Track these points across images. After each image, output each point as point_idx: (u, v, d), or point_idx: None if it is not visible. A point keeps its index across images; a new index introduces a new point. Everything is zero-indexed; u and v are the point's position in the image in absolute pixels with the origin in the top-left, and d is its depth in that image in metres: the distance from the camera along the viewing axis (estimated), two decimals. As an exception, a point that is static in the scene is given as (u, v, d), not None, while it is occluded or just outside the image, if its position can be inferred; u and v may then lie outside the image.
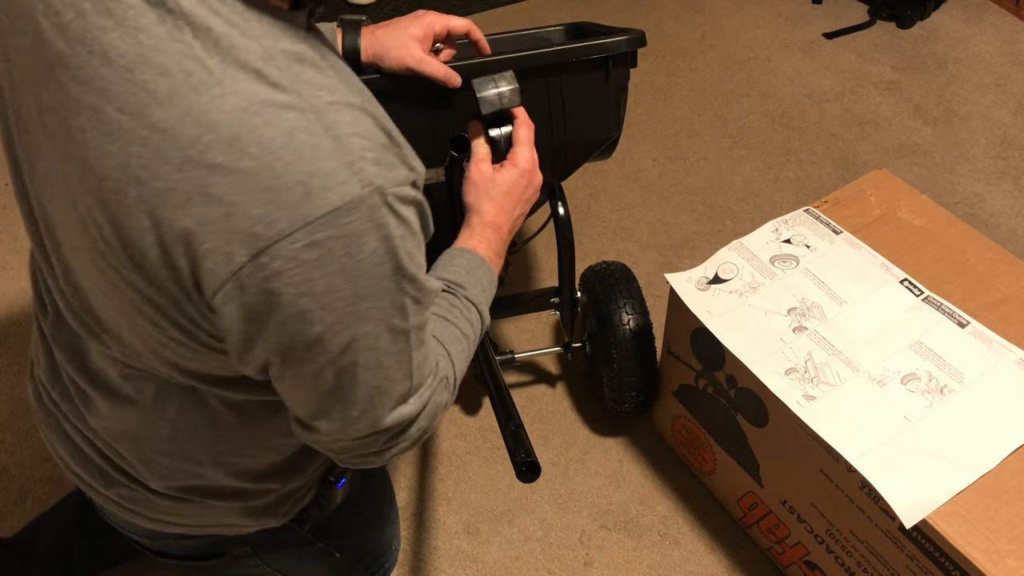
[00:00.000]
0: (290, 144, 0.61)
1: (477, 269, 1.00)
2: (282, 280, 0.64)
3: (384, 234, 0.66)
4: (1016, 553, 1.07)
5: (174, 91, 0.61)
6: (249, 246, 0.62)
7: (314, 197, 0.62)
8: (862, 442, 1.17)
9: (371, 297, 0.69)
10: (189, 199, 0.62)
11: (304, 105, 0.63)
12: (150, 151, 0.62)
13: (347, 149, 0.64)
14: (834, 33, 2.74)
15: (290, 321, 0.67)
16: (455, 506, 1.68)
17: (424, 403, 0.83)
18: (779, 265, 1.40)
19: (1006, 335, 1.27)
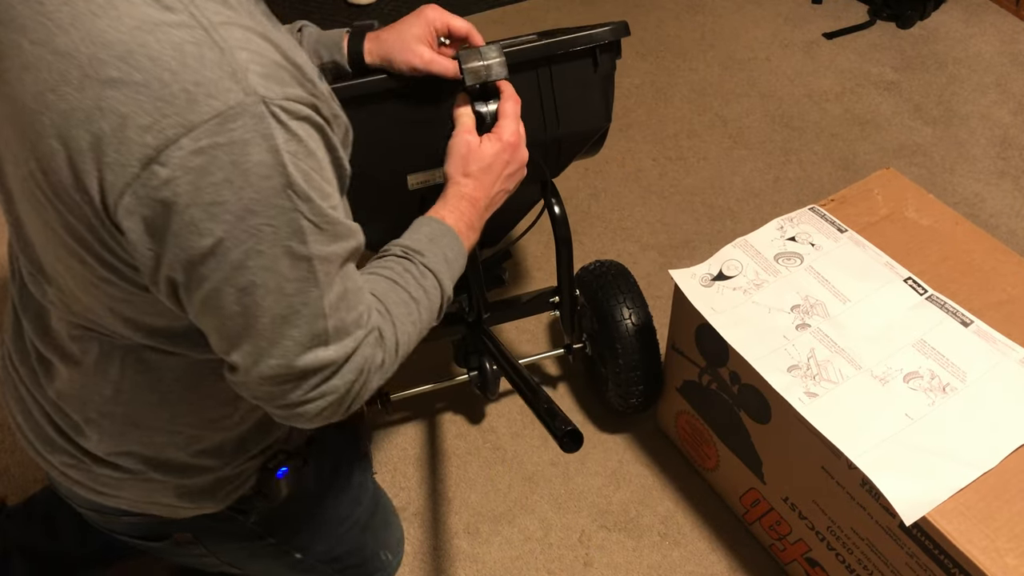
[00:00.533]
0: (177, 56, 0.65)
1: (441, 237, 1.00)
2: (171, 188, 0.67)
3: (271, 145, 0.68)
4: (1016, 551, 1.07)
5: (75, 17, 0.66)
6: (140, 156, 0.66)
7: (198, 104, 0.65)
8: (863, 439, 1.17)
9: (261, 212, 0.70)
10: (89, 116, 0.66)
11: (193, 23, 0.67)
12: (55, 75, 0.67)
13: (232, 59, 0.67)
14: (834, 33, 2.74)
15: (183, 232, 0.69)
16: (455, 506, 1.68)
17: (348, 352, 0.81)
18: (783, 262, 1.40)
19: (1010, 334, 1.27)
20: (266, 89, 0.68)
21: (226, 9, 0.70)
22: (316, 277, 0.75)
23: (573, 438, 1.10)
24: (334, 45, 1.17)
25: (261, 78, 0.68)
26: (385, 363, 0.87)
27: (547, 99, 1.30)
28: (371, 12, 2.90)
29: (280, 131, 0.69)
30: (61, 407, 0.95)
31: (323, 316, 0.77)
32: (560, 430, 1.12)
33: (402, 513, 1.66)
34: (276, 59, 0.70)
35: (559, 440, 1.11)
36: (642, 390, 1.62)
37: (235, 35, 0.68)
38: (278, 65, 0.70)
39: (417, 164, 1.30)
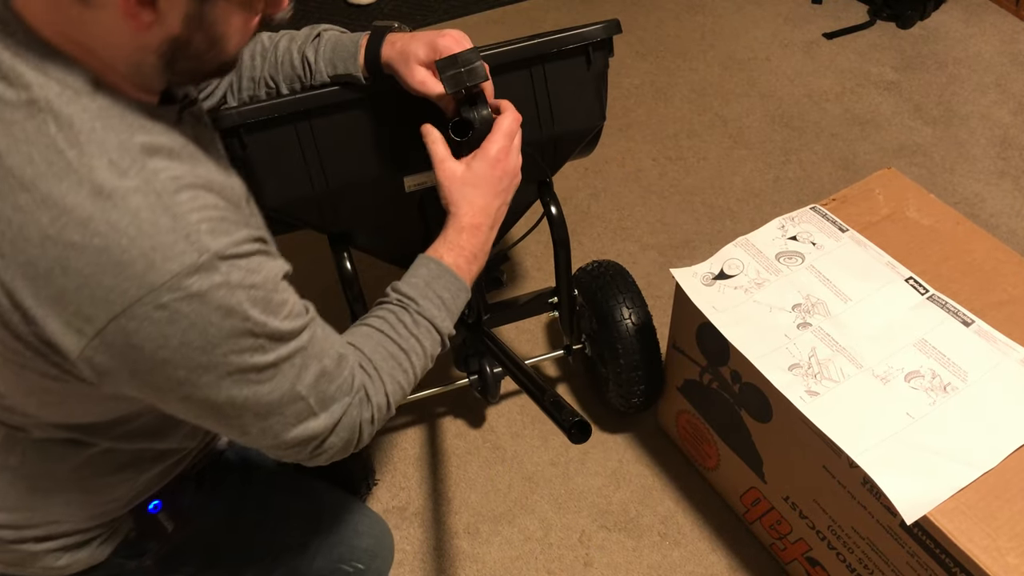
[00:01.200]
0: (134, 222, 0.72)
1: (438, 279, 1.03)
2: (140, 336, 0.73)
3: (227, 291, 0.75)
4: (1017, 550, 1.07)
5: (38, 177, 0.71)
6: (106, 311, 0.72)
7: (156, 267, 0.72)
8: (864, 438, 1.17)
9: (224, 345, 0.77)
10: (49, 272, 0.71)
11: (148, 188, 0.73)
12: (13, 229, 0.71)
13: (184, 223, 0.74)
14: (834, 33, 2.74)
15: (156, 369, 0.76)
16: (455, 506, 1.67)
17: (336, 418, 0.89)
18: (784, 262, 1.40)
19: (1011, 334, 1.27)
20: (217, 243, 0.75)
21: (174, 163, 0.76)
22: (285, 374, 0.83)
23: (581, 429, 1.10)
24: (350, 58, 1.17)
25: (211, 235, 0.75)
26: (376, 417, 0.95)
27: (541, 98, 1.31)
28: (371, 12, 2.90)
29: (235, 273, 0.76)
30: None
31: (301, 399, 0.85)
32: (568, 421, 1.12)
33: (402, 513, 1.66)
34: (220, 208, 0.77)
35: (567, 431, 1.11)
36: (643, 389, 1.62)
37: (184, 198, 0.75)
38: (222, 215, 0.77)
39: (412, 166, 1.30)
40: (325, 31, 1.20)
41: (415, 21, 2.84)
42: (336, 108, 1.21)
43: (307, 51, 1.18)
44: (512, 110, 1.12)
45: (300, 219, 1.31)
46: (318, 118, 1.21)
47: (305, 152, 1.23)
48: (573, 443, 1.12)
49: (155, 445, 0.99)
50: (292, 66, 1.19)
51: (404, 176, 1.30)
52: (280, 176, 1.23)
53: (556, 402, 1.17)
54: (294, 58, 1.19)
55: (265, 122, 1.18)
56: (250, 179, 1.22)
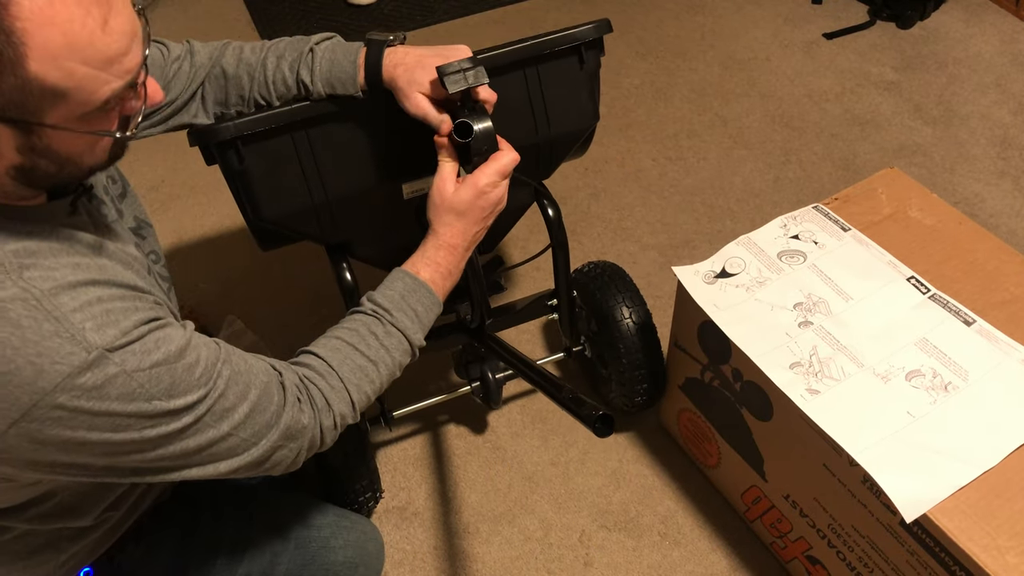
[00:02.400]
0: (17, 332, 0.72)
1: (413, 293, 1.07)
2: (45, 435, 0.74)
3: (123, 380, 0.76)
4: (1016, 549, 1.07)
5: None
6: (4, 419, 0.73)
7: (45, 372, 0.72)
8: (865, 437, 1.17)
9: (133, 426, 0.78)
10: None
11: (27, 295, 0.73)
12: None
13: (68, 325, 0.74)
14: (834, 33, 2.74)
15: (72, 454, 0.77)
16: (455, 506, 1.67)
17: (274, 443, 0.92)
18: (786, 260, 1.40)
19: (1012, 334, 1.27)
20: (103, 338, 0.75)
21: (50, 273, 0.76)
22: (206, 425, 0.85)
23: (605, 422, 1.10)
24: (348, 79, 1.15)
25: (96, 331, 0.75)
26: (338, 423, 1.00)
27: (536, 100, 1.30)
28: (371, 12, 2.90)
29: (131, 360, 0.77)
30: None
31: (232, 436, 0.88)
32: (591, 416, 1.11)
33: (402, 513, 1.66)
34: (104, 299, 0.78)
35: (592, 426, 1.11)
36: (646, 388, 1.62)
37: (64, 300, 0.75)
38: (107, 308, 0.77)
39: (410, 173, 1.29)
40: (317, 45, 1.18)
41: (415, 21, 2.83)
42: (333, 118, 1.20)
43: (301, 72, 1.17)
44: (512, 151, 1.13)
45: (298, 231, 1.30)
46: (315, 128, 1.20)
47: (303, 163, 1.22)
48: (598, 437, 1.12)
49: (74, 523, 0.99)
50: (287, 86, 1.18)
51: (402, 183, 1.30)
52: (278, 188, 1.22)
53: (576, 398, 1.17)
54: (287, 78, 1.17)
55: (262, 133, 1.17)
56: (247, 193, 1.22)
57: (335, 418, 0.99)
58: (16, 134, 0.71)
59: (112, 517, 1.04)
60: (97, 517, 1.01)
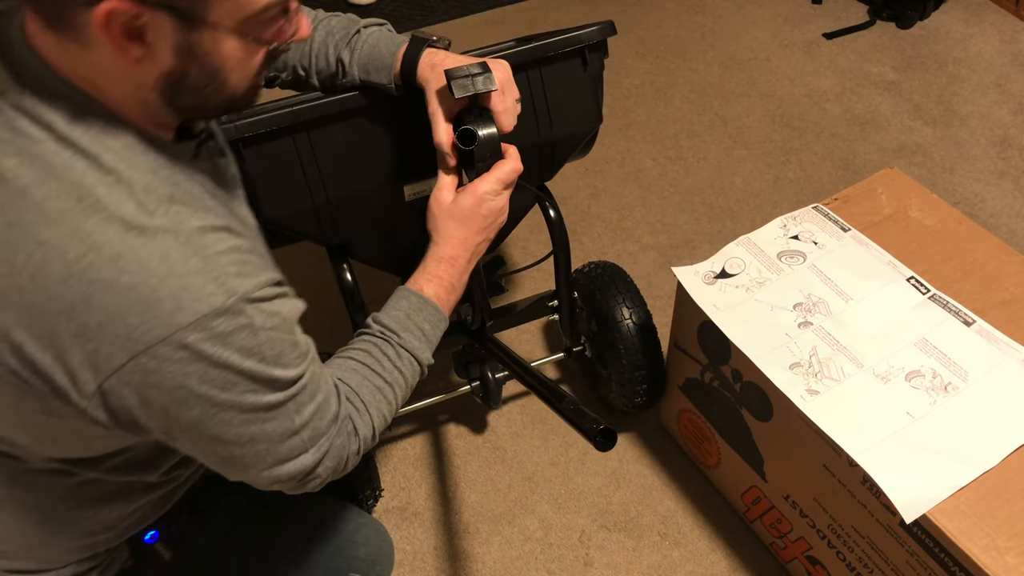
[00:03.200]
0: (164, 263, 0.72)
1: (419, 312, 1.05)
2: (158, 376, 0.73)
3: (249, 333, 0.76)
4: (1016, 550, 1.07)
5: (64, 213, 0.70)
6: (127, 349, 0.72)
7: (184, 308, 0.72)
8: (864, 437, 1.17)
9: (240, 385, 0.78)
10: (72, 308, 0.70)
11: (177, 229, 0.73)
12: (34, 263, 0.70)
13: (214, 265, 0.74)
14: (834, 33, 2.74)
15: (170, 408, 0.76)
16: (455, 506, 1.67)
17: (324, 452, 0.90)
18: (786, 261, 1.40)
19: (1012, 335, 1.27)
20: (244, 286, 0.76)
21: (194, 207, 0.76)
22: (287, 411, 0.84)
23: (607, 436, 1.09)
24: (385, 68, 1.15)
25: (239, 277, 0.75)
26: (361, 449, 0.97)
27: (539, 102, 1.30)
28: (371, 12, 2.90)
29: (259, 316, 0.77)
30: None
31: (297, 434, 0.86)
32: (592, 429, 1.10)
33: (402, 513, 1.66)
34: (242, 249, 0.78)
35: (592, 440, 1.10)
36: (646, 389, 1.62)
37: (210, 240, 0.75)
38: (245, 257, 0.78)
39: (412, 174, 1.29)
40: (364, 28, 1.19)
41: (415, 21, 2.83)
42: (335, 118, 1.20)
43: (343, 52, 1.17)
44: (516, 159, 1.12)
45: (299, 232, 1.30)
46: (316, 129, 1.20)
47: (304, 164, 1.22)
48: (599, 451, 1.11)
49: (144, 477, 0.99)
50: (327, 62, 1.18)
51: (404, 185, 1.30)
52: (279, 189, 1.22)
53: (577, 409, 1.16)
54: (329, 55, 1.18)
55: (263, 135, 1.17)
56: (249, 193, 1.22)
57: (360, 443, 0.97)
58: (177, 28, 0.71)
59: (181, 475, 1.05)
60: (164, 474, 1.01)
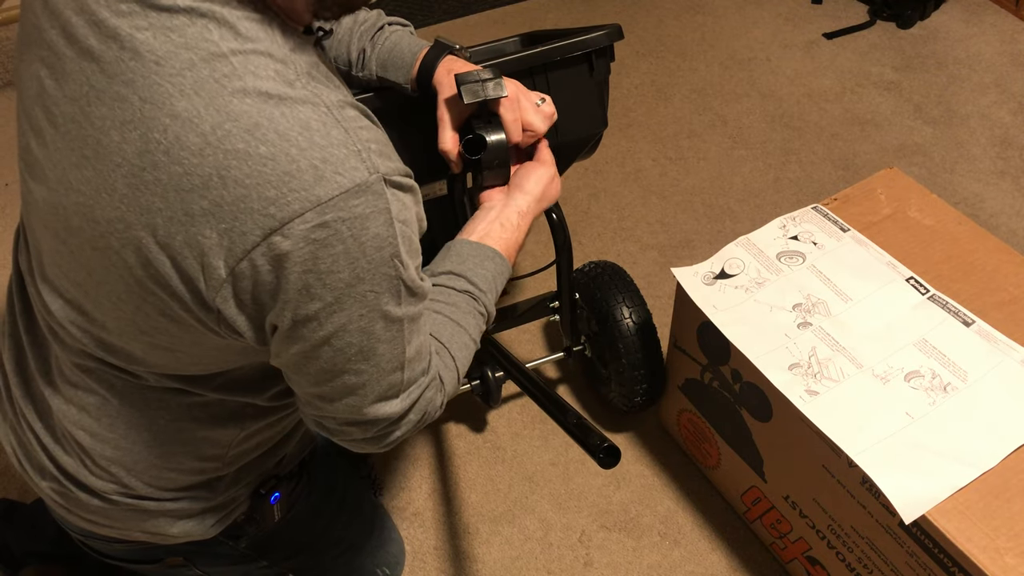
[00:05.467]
0: (305, 133, 0.67)
1: (500, 276, 1.03)
2: (291, 258, 0.68)
3: (387, 219, 0.71)
4: (1015, 551, 1.07)
5: (199, 83, 0.66)
6: (263, 226, 0.67)
7: (326, 180, 0.67)
8: (864, 438, 1.17)
9: (368, 280, 0.72)
10: (207, 182, 0.66)
11: (317, 101, 0.69)
12: (170, 137, 0.66)
13: (356, 139, 0.69)
14: (834, 33, 2.74)
15: (293, 297, 0.71)
16: (455, 506, 1.67)
17: (413, 401, 0.86)
18: (785, 261, 1.40)
19: (1012, 335, 1.27)
20: (384, 166, 0.71)
21: (334, 89, 0.73)
22: (403, 336, 0.79)
23: (611, 453, 1.09)
24: (404, 67, 1.16)
25: (379, 156, 0.71)
26: (442, 404, 0.93)
27: None
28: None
29: (395, 204, 0.72)
30: (54, 435, 0.95)
31: (401, 370, 0.82)
32: (597, 447, 1.10)
33: (402, 513, 1.66)
34: (378, 131, 0.74)
35: (596, 457, 1.09)
36: (646, 388, 1.62)
37: (351, 115, 0.71)
38: (383, 139, 0.74)
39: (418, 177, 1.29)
40: (389, 25, 1.19)
41: (415, 21, 2.83)
42: None
43: (365, 43, 1.17)
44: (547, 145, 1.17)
45: None
46: None
47: None
48: (602, 468, 1.10)
49: (253, 400, 0.95)
50: (348, 50, 1.18)
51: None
52: None
53: (581, 424, 1.15)
54: (352, 44, 1.18)
55: None
56: None
57: (443, 396, 0.93)
58: None
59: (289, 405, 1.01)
60: (272, 399, 0.97)
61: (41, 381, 0.92)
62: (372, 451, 0.91)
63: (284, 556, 1.15)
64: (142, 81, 0.66)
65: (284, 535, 1.14)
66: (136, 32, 0.66)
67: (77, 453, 0.93)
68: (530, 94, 1.15)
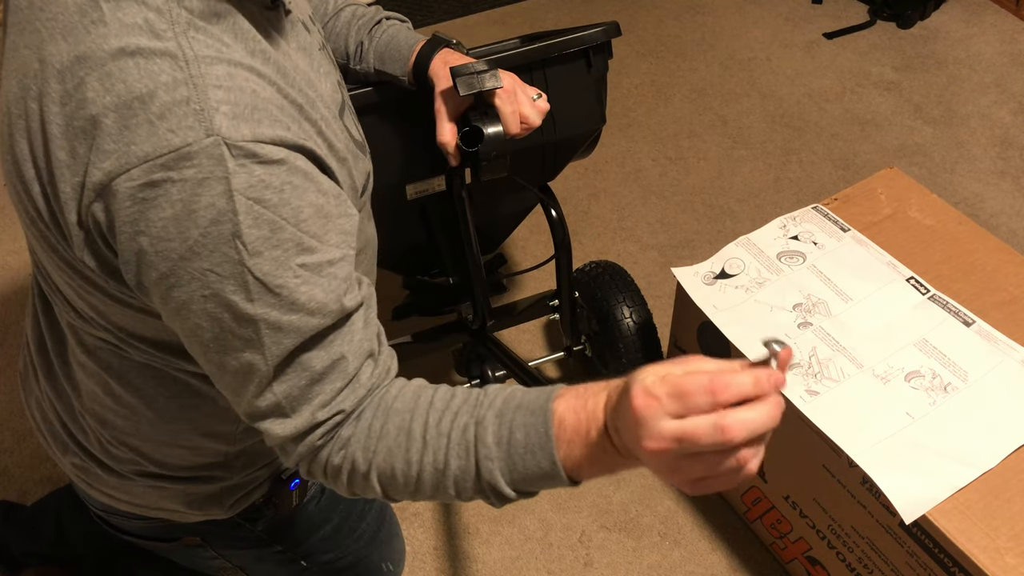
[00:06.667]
0: (149, 86, 0.64)
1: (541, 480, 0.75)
2: (120, 216, 0.66)
3: (224, 189, 0.64)
4: (1015, 551, 1.07)
5: (67, 29, 0.65)
6: (98, 179, 0.65)
7: (157, 137, 0.64)
8: (864, 438, 1.17)
9: (205, 257, 0.66)
10: (64, 132, 0.66)
11: (177, 53, 0.65)
12: (39, 83, 0.67)
13: (201, 96, 0.64)
14: (834, 33, 2.74)
15: (133, 259, 0.68)
16: (455, 506, 1.67)
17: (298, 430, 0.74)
18: (786, 261, 1.40)
19: (1012, 335, 1.27)
20: (232, 130, 0.64)
21: (218, 44, 0.68)
22: (262, 341, 0.70)
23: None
24: (400, 60, 1.16)
25: (230, 118, 0.65)
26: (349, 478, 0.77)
27: None
28: (371, 12, 2.90)
29: (241, 175, 0.64)
30: (72, 412, 0.96)
31: (268, 385, 0.72)
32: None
33: (402, 513, 1.66)
34: (263, 97, 0.68)
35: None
36: None
37: (216, 71, 0.66)
38: (260, 105, 0.67)
39: (415, 173, 1.29)
40: (387, 18, 1.20)
41: (415, 21, 2.82)
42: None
43: (363, 37, 1.18)
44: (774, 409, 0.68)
45: None
46: None
47: None
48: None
49: None
50: (345, 42, 1.19)
51: (406, 184, 1.30)
52: None
53: None
54: (350, 37, 1.18)
55: None
56: None
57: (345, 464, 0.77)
58: None
59: None
60: None
61: (56, 361, 0.94)
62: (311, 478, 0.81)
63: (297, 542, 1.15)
64: (28, 27, 0.68)
65: (300, 521, 1.14)
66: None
67: (94, 428, 0.94)
68: (527, 88, 1.15)
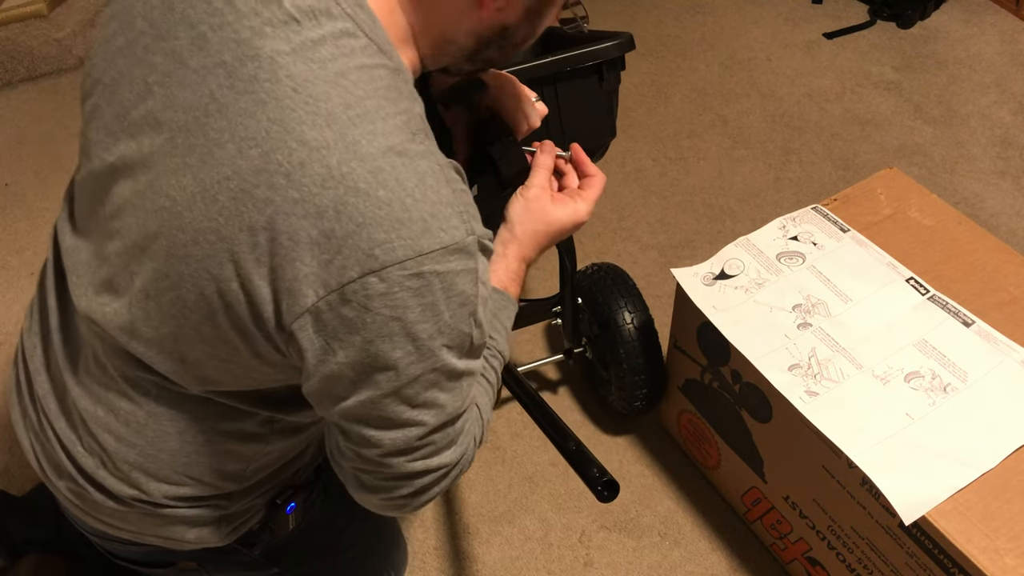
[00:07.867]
0: (420, 186, 0.70)
1: (503, 311, 1.01)
2: (382, 301, 0.70)
3: (474, 279, 0.74)
4: (1015, 551, 1.07)
5: (332, 117, 0.69)
6: (363, 265, 0.69)
7: (431, 234, 0.70)
8: (864, 438, 1.17)
9: (447, 335, 0.74)
10: (322, 212, 0.68)
11: (433, 157, 0.73)
12: (294, 162, 0.68)
13: (460, 200, 0.73)
14: (834, 33, 2.74)
15: (376, 341, 0.72)
16: (455, 506, 1.68)
17: (461, 453, 0.85)
18: (785, 262, 1.40)
19: (1011, 335, 1.27)
20: (480, 230, 0.74)
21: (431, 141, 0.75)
22: (462, 390, 0.80)
23: (610, 488, 1.08)
24: None
25: (474, 219, 0.74)
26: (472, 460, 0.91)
27: (553, 116, 1.27)
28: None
29: (482, 265, 0.75)
30: (77, 433, 0.94)
31: (455, 421, 0.82)
32: (595, 479, 1.09)
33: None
34: (469, 198, 0.76)
35: (594, 489, 1.09)
36: (646, 393, 1.62)
37: (455, 176, 0.75)
38: (472, 204, 0.76)
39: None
40: None
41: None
42: None
43: None
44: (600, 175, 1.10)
45: None
46: None
47: None
48: (601, 502, 1.09)
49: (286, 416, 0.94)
50: None
51: None
52: None
53: (581, 451, 1.15)
54: None
55: None
56: None
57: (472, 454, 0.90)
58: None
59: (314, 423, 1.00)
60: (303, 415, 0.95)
61: (69, 380, 0.92)
62: (401, 512, 0.90)
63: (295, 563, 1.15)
64: (274, 104, 0.69)
65: (298, 542, 1.13)
66: (277, 56, 0.70)
67: (98, 453, 0.93)
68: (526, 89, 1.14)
